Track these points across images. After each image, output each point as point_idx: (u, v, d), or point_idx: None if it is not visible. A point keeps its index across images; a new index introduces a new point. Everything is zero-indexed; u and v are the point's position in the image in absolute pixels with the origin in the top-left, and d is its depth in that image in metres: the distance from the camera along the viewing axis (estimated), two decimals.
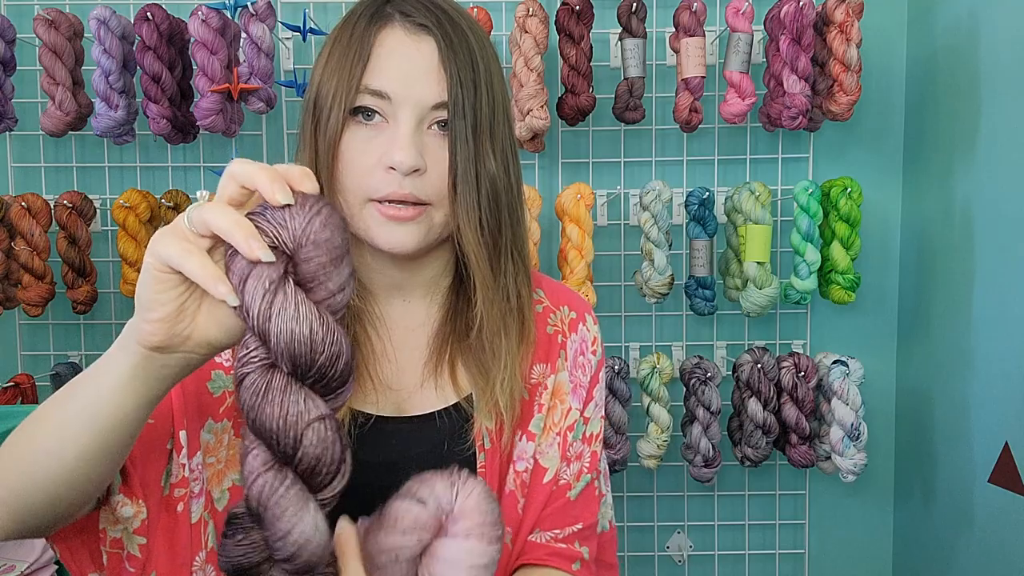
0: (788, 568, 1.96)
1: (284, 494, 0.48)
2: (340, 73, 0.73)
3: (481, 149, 0.73)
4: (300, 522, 0.48)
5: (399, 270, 0.81)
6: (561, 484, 0.84)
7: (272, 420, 0.48)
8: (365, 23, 0.74)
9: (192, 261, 0.50)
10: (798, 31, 1.56)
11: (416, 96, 0.72)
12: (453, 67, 0.72)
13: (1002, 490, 1.50)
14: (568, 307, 0.89)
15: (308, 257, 0.48)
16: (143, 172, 1.82)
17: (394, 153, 0.71)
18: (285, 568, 0.50)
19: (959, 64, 1.63)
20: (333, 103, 0.72)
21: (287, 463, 0.49)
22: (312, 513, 0.49)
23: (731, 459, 1.79)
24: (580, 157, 1.84)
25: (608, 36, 1.77)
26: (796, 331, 1.89)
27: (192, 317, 0.54)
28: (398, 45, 0.73)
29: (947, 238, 1.69)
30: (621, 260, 1.85)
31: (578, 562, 0.83)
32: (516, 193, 0.79)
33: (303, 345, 0.48)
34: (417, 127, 0.72)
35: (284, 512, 0.48)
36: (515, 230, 0.79)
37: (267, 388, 0.48)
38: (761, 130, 1.80)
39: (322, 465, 0.49)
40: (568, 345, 0.87)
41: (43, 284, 1.66)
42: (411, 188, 0.72)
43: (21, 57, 1.67)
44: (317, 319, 0.48)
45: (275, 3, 1.74)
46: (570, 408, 0.85)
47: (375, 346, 0.82)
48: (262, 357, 0.49)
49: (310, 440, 0.48)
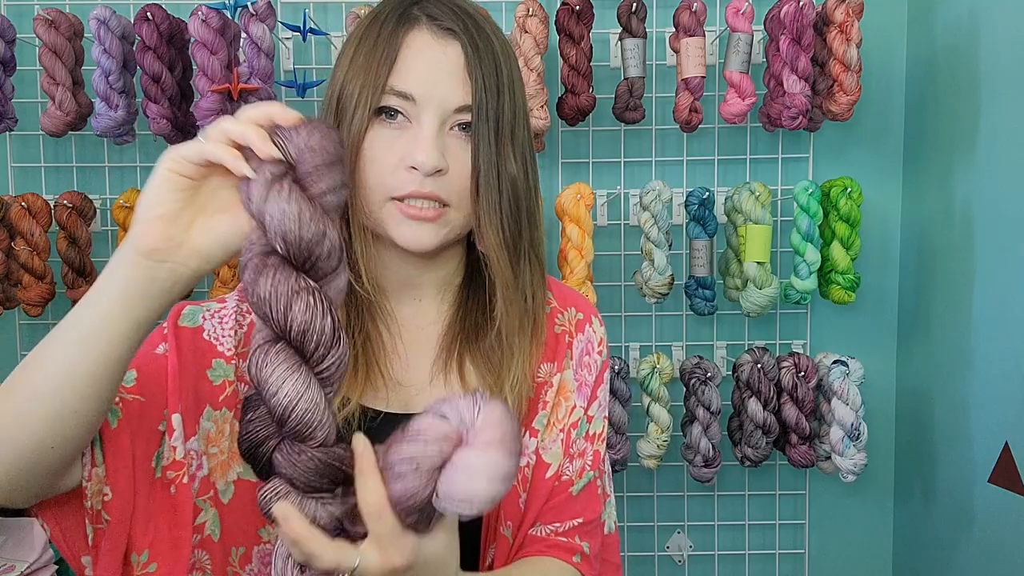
0: (788, 568, 1.96)
1: (273, 359, 0.54)
2: (366, 73, 0.74)
3: (503, 152, 0.75)
4: (289, 379, 0.53)
5: (413, 268, 0.83)
6: (563, 480, 0.85)
7: (265, 291, 0.54)
8: (392, 25, 0.75)
9: (217, 147, 0.57)
10: (798, 31, 1.56)
11: (440, 98, 0.73)
12: (478, 72, 0.74)
13: (1002, 490, 1.50)
14: (575, 308, 0.91)
15: (303, 159, 0.56)
16: (143, 172, 1.82)
17: (417, 153, 0.72)
18: (283, 434, 0.54)
19: (959, 64, 1.63)
20: (358, 102, 0.74)
21: (282, 336, 0.55)
22: (304, 375, 0.54)
23: (731, 459, 1.79)
24: (580, 157, 1.84)
25: (608, 36, 1.77)
26: (796, 331, 1.89)
27: (187, 226, 0.59)
28: (425, 48, 0.74)
29: (947, 238, 1.69)
30: (621, 260, 1.85)
31: (579, 555, 0.84)
32: (534, 196, 0.81)
33: (292, 222, 0.54)
34: (440, 129, 0.74)
35: (272, 373, 0.54)
36: (533, 233, 0.80)
37: (263, 266, 0.55)
38: (761, 130, 1.80)
39: (312, 333, 0.54)
40: (574, 345, 0.89)
41: (43, 284, 1.66)
42: (432, 188, 0.73)
43: (21, 57, 1.67)
44: (306, 203, 0.55)
45: (275, 3, 1.74)
46: (574, 406, 0.86)
47: (386, 343, 0.83)
48: (262, 244, 0.56)
49: (298, 308, 0.54)
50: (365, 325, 0.81)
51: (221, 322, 0.80)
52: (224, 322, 0.80)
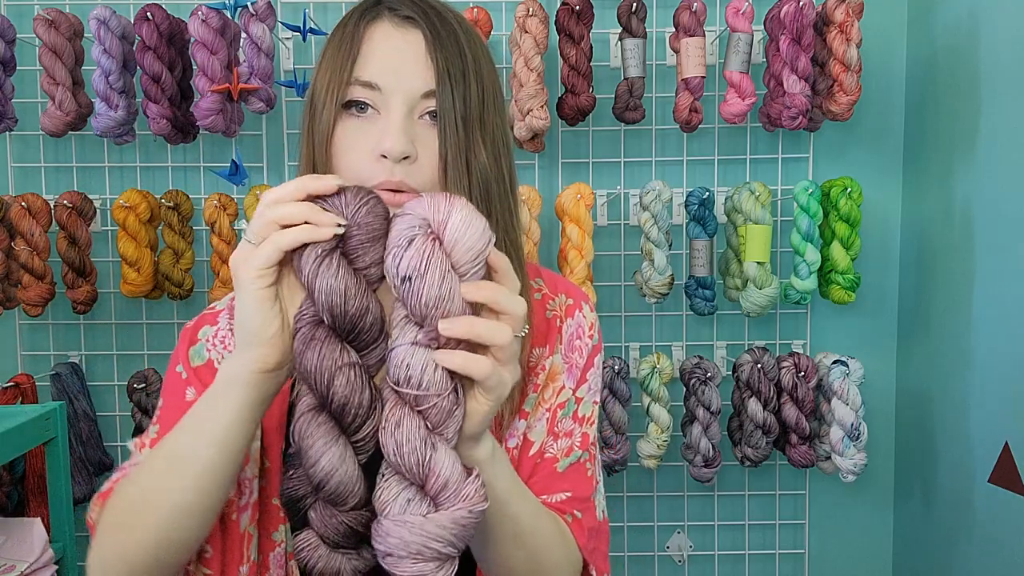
0: (788, 568, 1.96)
1: (315, 430, 0.58)
2: (332, 68, 0.75)
3: (472, 139, 0.75)
4: (327, 452, 0.57)
5: None
6: (547, 457, 0.84)
7: (311, 363, 0.58)
8: (355, 20, 0.77)
9: (286, 234, 0.59)
10: (798, 31, 1.56)
11: (405, 85, 0.74)
12: (440, 56, 0.74)
13: (1002, 490, 1.50)
14: (566, 295, 0.91)
15: (352, 234, 0.59)
16: (143, 172, 1.82)
17: (384, 141, 0.72)
18: (319, 496, 0.59)
19: (959, 64, 1.63)
20: (326, 98, 0.74)
21: (324, 405, 0.59)
22: (341, 448, 0.58)
23: (731, 459, 1.79)
24: (580, 157, 1.84)
25: (608, 36, 1.77)
26: (796, 331, 1.89)
27: (287, 328, 0.62)
28: (386, 37, 0.75)
29: (947, 238, 1.69)
30: (621, 260, 1.85)
31: (570, 516, 0.82)
32: (508, 184, 0.80)
33: (339, 296, 0.58)
34: (408, 116, 0.74)
35: (314, 443, 0.58)
36: (507, 220, 0.80)
37: (312, 338, 0.59)
38: (761, 130, 1.80)
39: (351, 407, 0.58)
40: (564, 329, 0.88)
41: (43, 284, 1.66)
42: (403, 175, 0.73)
43: (21, 57, 1.67)
44: (352, 279, 0.59)
45: (275, 3, 1.74)
46: (563, 387, 0.86)
47: None
48: (312, 314, 0.59)
49: (340, 383, 0.58)
50: None
51: (224, 344, 0.83)
52: (226, 341, 0.83)
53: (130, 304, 1.84)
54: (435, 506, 0.57)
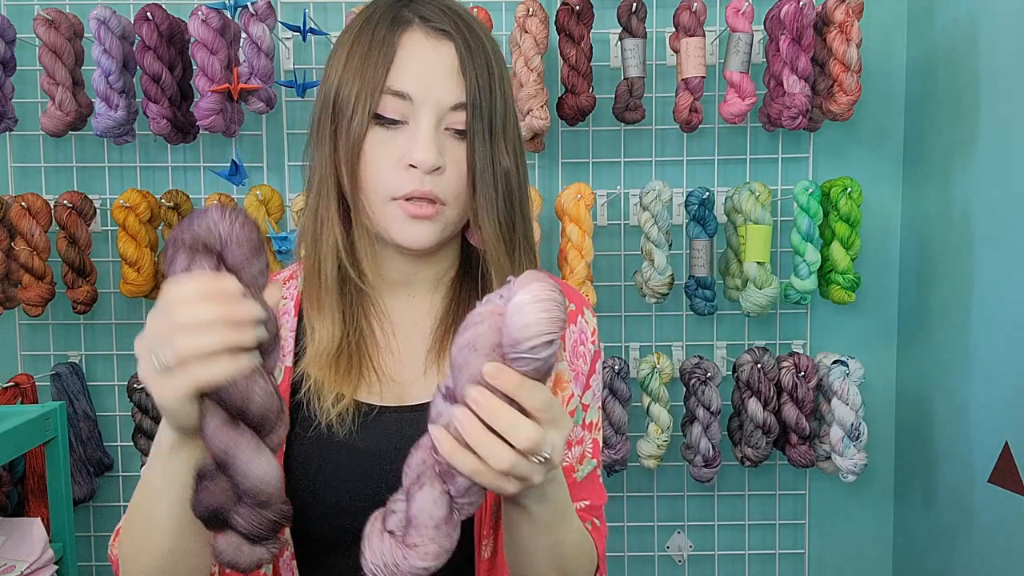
0: (788, 568, 1.96)
1: (240, 441, 0.58)
2: (363, 75, 0.75)
3: (497, 147, 0.77)
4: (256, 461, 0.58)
5: (411, 265, 0.84)
6: (564, 466, 0.85)
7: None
8: (386, 27, 0.77)
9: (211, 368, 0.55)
10: (798, 31, 1.56)
11: (436, 97, 0.75)
12: (471, 70, 0.76)
13: (1002, 490, 1.50)
14: (568, 300, 0.91)
15: (233, 252, 0.59)
16: (143, 172, 1.82)
17: (415, 151, 0.74)
18: (247, 503, 0.59)
19: (959, 64, 1.63)
20: (356, 105, 0.75)
21: (240, 417, 0.58)
22: (266, 455, 0.59)
23: (731, 459, 1.79)
24: (580, 157, 1.84)
25: (608, 36, 1.77)
26: (796, 331, 1.89)
27: None
28: (420, 48, 0.76)
29: (947, 238, 1.69)
30: (621, 260, 1.85)
31: (589, 524, 0.84)
32: (525, 188, 0.83)
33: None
34: (436, 127, 0.75)
35: (241, 453, 0.58)
36: (526, 223, 0.83)
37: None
38: (761, 130, 1.80)
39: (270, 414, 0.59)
40: (567, 336, 0.89)
41: (43, 284, 1.66)
42: (431, 186, 0.75)
43: (21, 57, 1.67)
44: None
45: (275, 3, 1.74)
46: (571, 395, 0.86)
47: (379, 340, 0.85)
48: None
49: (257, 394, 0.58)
50: (359, 323, 0.83)
51: None
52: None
53: (130, 304, 1.84)
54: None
